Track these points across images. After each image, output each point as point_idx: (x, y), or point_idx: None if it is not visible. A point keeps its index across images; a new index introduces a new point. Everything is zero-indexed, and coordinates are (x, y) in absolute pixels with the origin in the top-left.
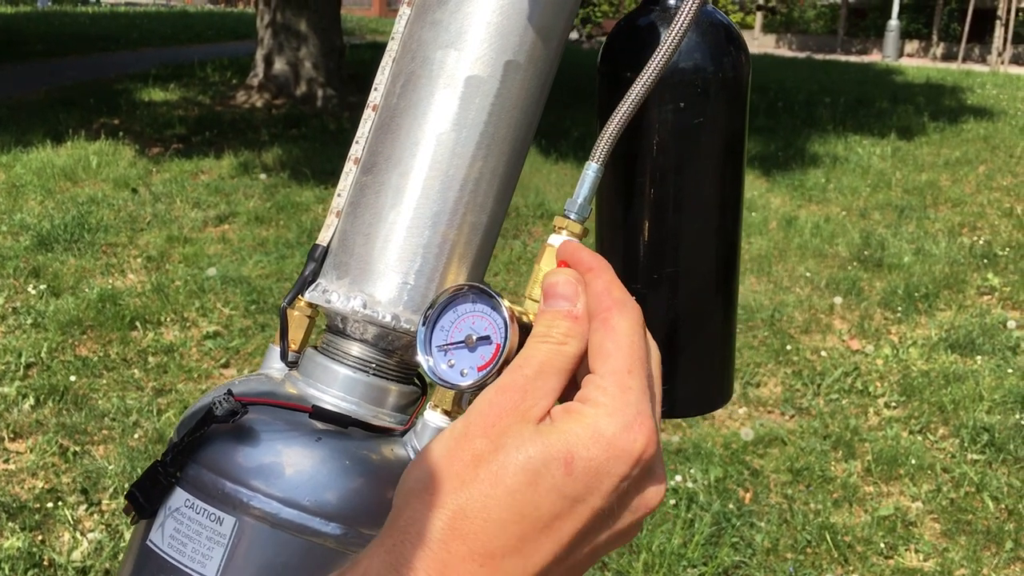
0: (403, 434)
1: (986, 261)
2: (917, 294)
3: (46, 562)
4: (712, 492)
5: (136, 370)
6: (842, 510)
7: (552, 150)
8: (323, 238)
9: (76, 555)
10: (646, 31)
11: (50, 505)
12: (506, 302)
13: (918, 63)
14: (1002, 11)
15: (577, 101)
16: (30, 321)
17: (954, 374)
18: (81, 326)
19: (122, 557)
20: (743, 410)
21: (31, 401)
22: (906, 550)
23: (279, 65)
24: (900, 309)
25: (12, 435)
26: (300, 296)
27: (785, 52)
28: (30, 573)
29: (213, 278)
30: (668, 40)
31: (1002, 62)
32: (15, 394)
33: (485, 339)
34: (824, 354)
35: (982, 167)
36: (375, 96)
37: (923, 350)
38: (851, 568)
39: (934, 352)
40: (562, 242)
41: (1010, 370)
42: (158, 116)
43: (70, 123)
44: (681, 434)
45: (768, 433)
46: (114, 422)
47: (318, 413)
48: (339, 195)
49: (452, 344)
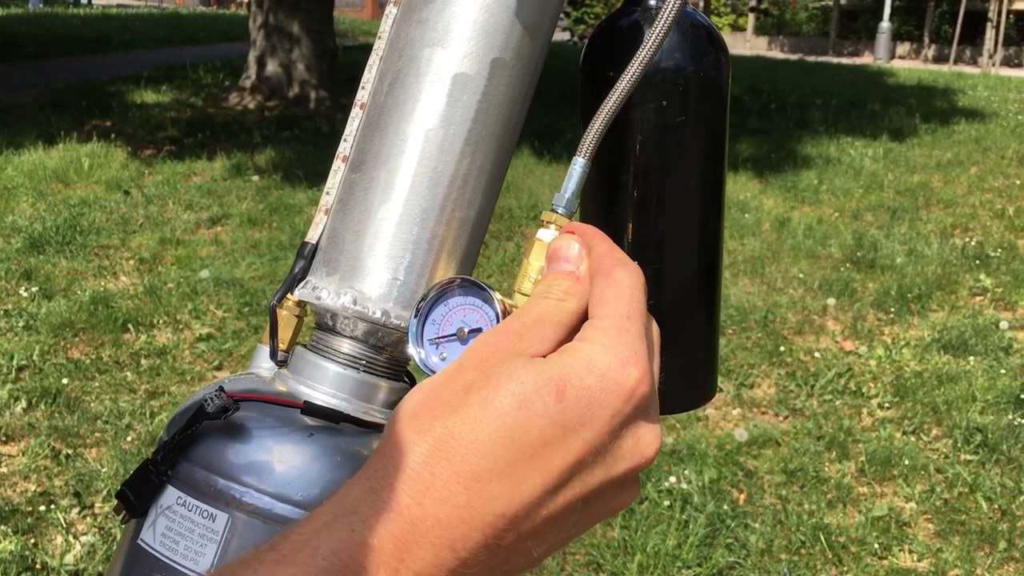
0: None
1: (978, 262)
2: (910, 295)
3: (39, 565)
4: (706, 493)
5: (129, 372)
6: (836, 511)
7: (545, 152)
8: (312, 236)
9: (69, 558)
10: (628, 31)
11: (42, 508)
12: (497, 295)
13: (909, 65)
14: (993, 13)
15: (570, 103)
16: (22, 324)
17: (947, 375)
18: (73, 328)
19: (112, 557)
20: (737, 411)
21: (23, 404)
22: (900, 550)
23: (272, 67)
24: (893, 310)
25: (4, 438)
26: (289, 294)
27: (777, 54)
28: None
29: (206, 280)
30: (652, 38)
31: (993, 64)
32: (7, 397)
33: (476, 332)
34: (817, 355)
35: (974, 168)
36: (363, 94)
37: (916, 351)
38: (845, 569)
39: (927, 353)
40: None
41: (1003, 371)
42: (150, 118)
43: (62, 125)
44: (675, 435)
45: (762, 434)
46: (107, 425)
47: (310, 409)
48: (328, 193)
49: (444, 337)
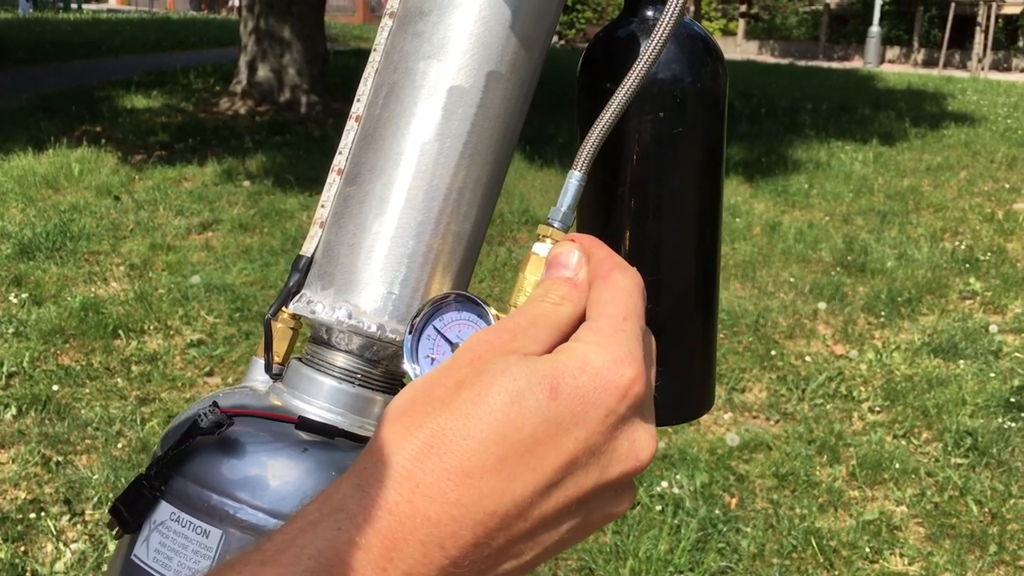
0: None
1: (968, 266)
2: (900, 299)
3: (29, 573)
4: (698, 498)
5: (119, 379)
6: (827, 515)
7: (537, 156)
8: (307, 249)
9: (59, 566)
10: (625, 42)
11: (33, 516)
12: (492, 310)
13: (899, 69)
14: (982, 18)
15: (561, 107)
16: (12, 330)
17: (937, 378)
18: (63, 335)
19: (104, 572)
20: (728, 415)
21: (13, 411)
22: (891, 554)
23: (263, 72)
24: (883, 314)
25: None
26: (284, 307)
27: (768, 58)
28: None
29: (197, 286)
30: (649, 50)
31: (982, 68)
32: None
33: None
34: (808, 359)
35: (963, 172)
36: (358, 107)
37: (906, 354)
38: (837, 573)
39: (917, 356)
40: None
41: (992, 374)
42: (141, 123)
43: (52, 130)
44: (667, 440)
45: (753, 438)
46: (97, 431)
47: (304, 424)
48: (323, 206)
49: (439, 352)
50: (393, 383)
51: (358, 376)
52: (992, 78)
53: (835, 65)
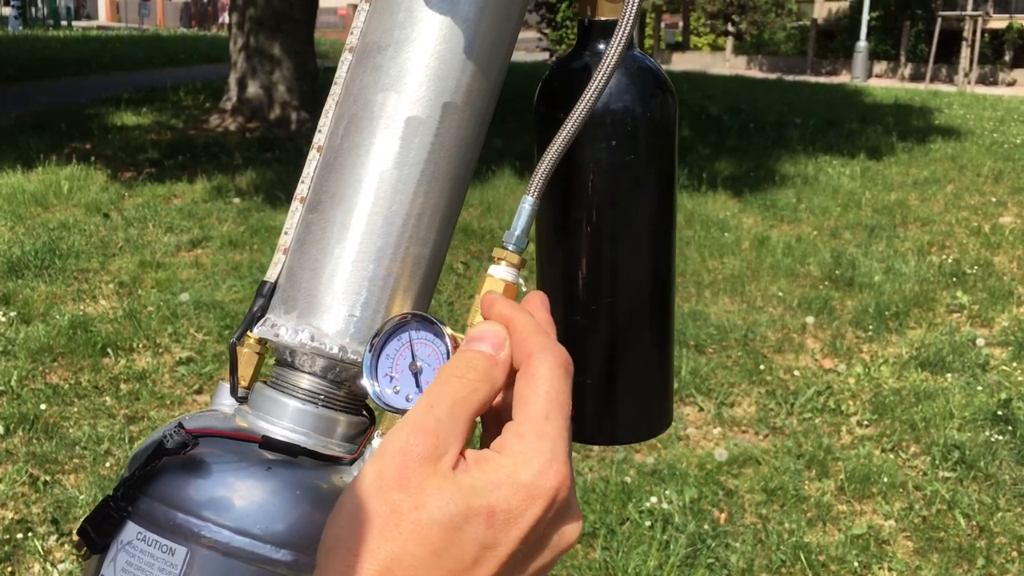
0: (352, 462)
1: (955, 279)
2: (888, 312)
3: None
4: (687, 513)
5: (108, 397)
6: (816, 529)
7: (527, 173)
8: (271, 274)
9: None
10: (579, 74)
11: (20, 536)
12: (448, 330)
13: (886, 84)
14: (968, 32)
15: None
16: (0, 349)
17: (925, 392)
18: (52, 353)
19: None
20: (717, 430)
21: (0, 430)
22: (880, 568)
23: (252, 89)
24: (871, 328)
25: None
26: (249, 332)
27: (756, 73)
28: None
29: (186, 303)
30: (595, 82)
31: (968, 82)
32: None
33: (428, 366)
34: (797, 373)
35: (950, 186)
36: (319, 138)
37: (894, 368)
38: None
39: (905, 370)
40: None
41: (980, 387)
42: (130, 140)
43: (41, 148)
44: (656, 455)
45: (742, 453)
46: (85, 451)
47: (268, 443)
48: (286, 233)
49: (397, 370)
50: (356, 403)
51: (321, 397)
52: (978, 92)
53: (823, 80)
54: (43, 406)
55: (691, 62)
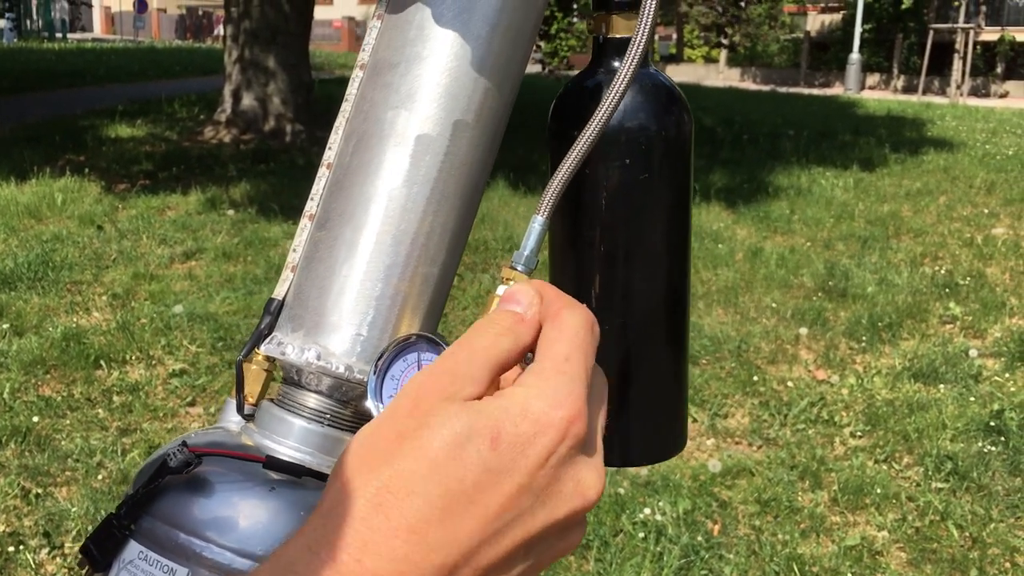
0: None
1: (948, 290)
2: (881, 324)
3: None
4: (681, 524)
5: (100, 410)
6: (809, 541)
7: (520, 184)
8: (279, 292)
9: None
10: (592, 91)
11: (11, 549)
12: None
13: (879, 95)
14: (960, 45)
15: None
16: None
17: (918, 403)
18: (45, 366)
19: None
20: (711, 441)
21: None
22: None
23: (247, 101)
24: (864, 339)
25: None
26: (256, 349)
27: (750, 85)
28: None
29: (179, 315)
30: (608, 100)
31: (961, 94)
32: None
33: None
34: (790, 384)
35: (943, 198)
36: (329, 155)
37: (887, 379)
38: None
39: (898, 381)
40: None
41: (972, 398)
42: (125, 152)
43: (35, 160)
44: (649, 467)
45: (736, 464)
46: (77, 463)
47: (272, 463)
48: (294, 250)
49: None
50: (363, 423)
51: (327, 416)
52: (971, 104)
53: (816, 92)
54: (35, 418)
55: (685, 74)
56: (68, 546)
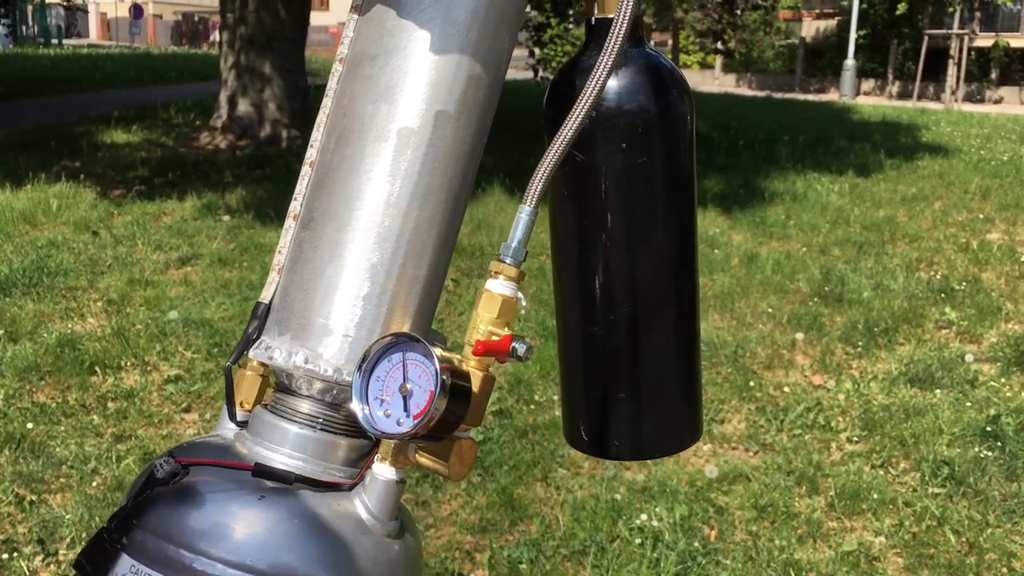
0: (352, 487)
1: (943, 295)
2: (877, 329)
3: None
4: (677, 530)
5: (95, 416)
6: (806, 546)
7: (516, 189)
8: (265, 296)
9: None
10: (584, 74)
11: (5, 556)
12: (438, 350)
13: (874, 101)
14: (954, 51)
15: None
16: None
17: (914, 408)
18: (39, 372)
19: None
20: (707, 447)
21: None
22: None
23: (243, 106)
24: (860, 344)
25: None
26: (246, 354)
27: (745, 91)
28: None
29: (175, 321)
30: (589, 86)
31: (955, 100)
32: None
33: (419, 388)
34: (787, 389)
35: (938, 203)
36: (311, 152)
37: (883, 384)
38: None
39: (894, 386)
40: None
41: (968, 403)
42: (120, 158)
43: (30, 166)
44: (646, 473)
45: (732, 470)
46: (72, 470)
47: (261, 471)
48: (279, 252)
49: (388, 392)
50: (357, 426)
51: (320, 420)
52: (965, 110)
53: (811, 97)
54: (30, 425)
55: None
56: (62, 553)
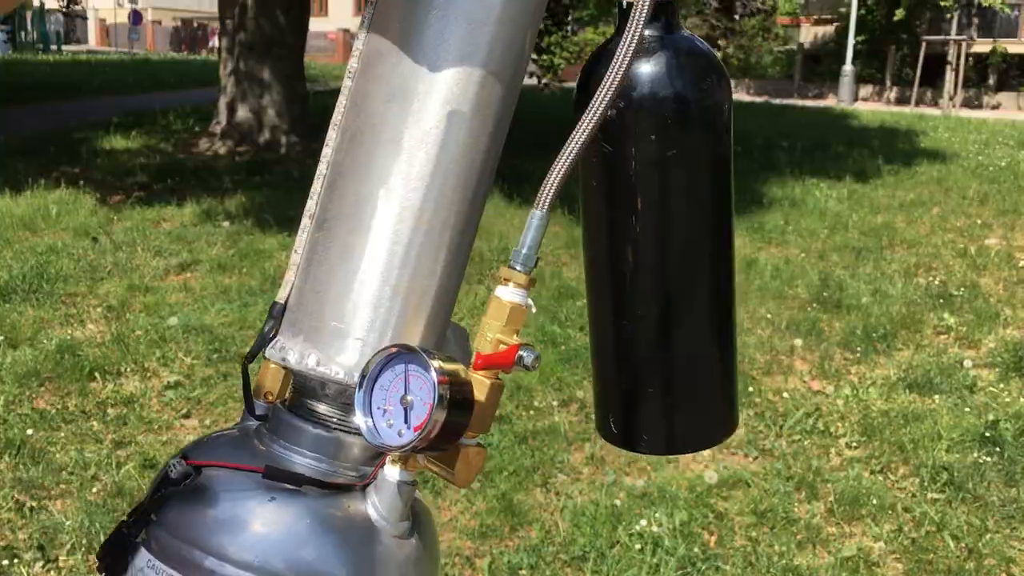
0: (364, 487)
1: (942, 301)
2: (875, 334)
3: None
4: (677, 536)
5: (95, 422)
6: (806, 551)
7: (515, 195)
8: (281, 295)
9: None
10: (611, 59)
11: (5, 563)
12: (436, 362)
13: (872, 107)
14: (952, 56)
15: (538, 146)
16: None
17: (913, 413)
18: (39, 378)
19: None
20: (707, 452)
21: None
22: None
23: (242, 112)
24: (859, 349)
25: None
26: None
27: (744, 96)
28: None
29: (174, 327)
30: (609, 76)
31: (953, 105)
32: None
33: (419, 400)
34: (786, 395)
35: (936, 209)
36: (326, 151)
37: (882, 390)
38: None
39: (893, 392)
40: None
41: (967, 409)
42: (119, 164)
43: (29, 172)
44: (646, 478)
45: (732, 475)
46: (72, 476)
47: (271, 473)
48: (296, 252)
49: (391, 402)
50: None
51: (333, 421)
52: (963, 115)
53: (809, 103)
54: (30, 431)
55: None
56: (63, 559)
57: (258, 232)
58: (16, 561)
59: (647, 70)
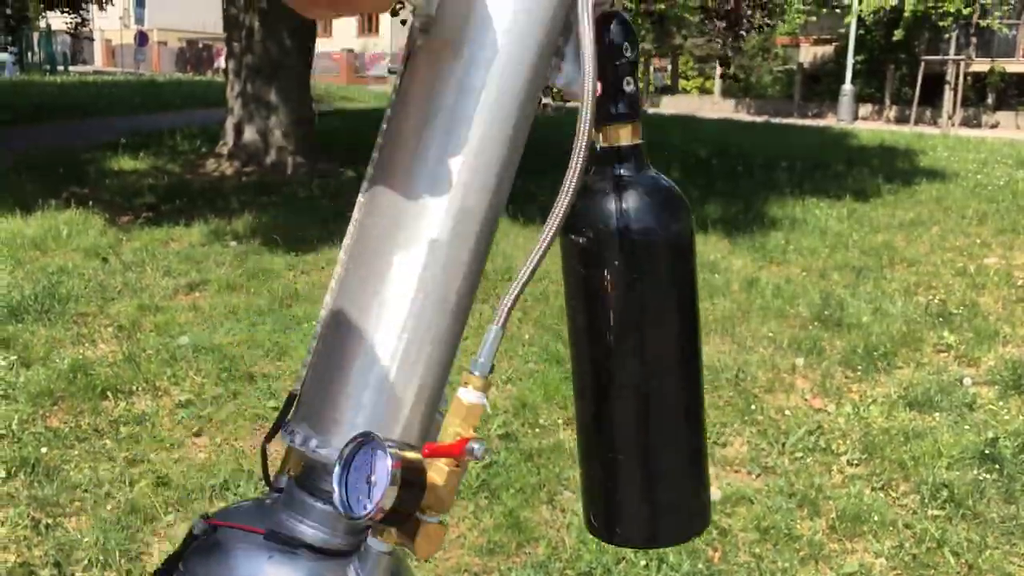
0: (351, 555)
1: (941, 319)
2: (876, 353)
3: None
4: (681, 552)
5: (108, 440)
6: (808, 568)
7: (520, 215)
8: (296, 386)
9: None
10: (589, 192)
11: None
12: (393, 449)
13: (872, 126)
14: (951, 76)
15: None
16: (0, 393)
17: (913, 431)
18: (52, 397)
19: None
20: (711, 470)
21: (2, 473)
22: None
23: (249, 134)
24: (860, 368)
25: None
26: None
27: (744, 116)
28: None
29: (185, 346)
30: (556, 211)
31: (952, 125)
32: None
33: (380, 479)
34: (788, 413)
35: (935, 228)
36: (337, 270)
37: (883, 408)
38: None
39: (894, 409)
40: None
41: (967, 426)
42: (128, 185)
43: (39, 193)
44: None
45: (735, 492)
46: (86, 493)
47: (271, 536)
48: (314, 339)
49: (361, 482)
50: None
51: (331, 496)
52: (962, 135)
53: (809, 122)
54: (44, 449)
55: (680, 105)
56: (79, 575)
57: (265, 252)
58: None
59: (619, 206)
